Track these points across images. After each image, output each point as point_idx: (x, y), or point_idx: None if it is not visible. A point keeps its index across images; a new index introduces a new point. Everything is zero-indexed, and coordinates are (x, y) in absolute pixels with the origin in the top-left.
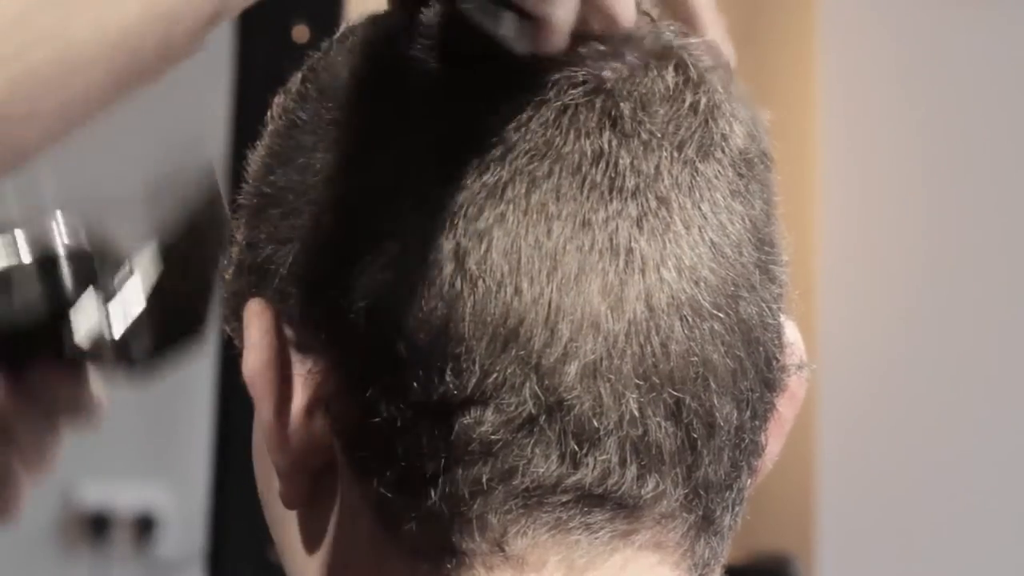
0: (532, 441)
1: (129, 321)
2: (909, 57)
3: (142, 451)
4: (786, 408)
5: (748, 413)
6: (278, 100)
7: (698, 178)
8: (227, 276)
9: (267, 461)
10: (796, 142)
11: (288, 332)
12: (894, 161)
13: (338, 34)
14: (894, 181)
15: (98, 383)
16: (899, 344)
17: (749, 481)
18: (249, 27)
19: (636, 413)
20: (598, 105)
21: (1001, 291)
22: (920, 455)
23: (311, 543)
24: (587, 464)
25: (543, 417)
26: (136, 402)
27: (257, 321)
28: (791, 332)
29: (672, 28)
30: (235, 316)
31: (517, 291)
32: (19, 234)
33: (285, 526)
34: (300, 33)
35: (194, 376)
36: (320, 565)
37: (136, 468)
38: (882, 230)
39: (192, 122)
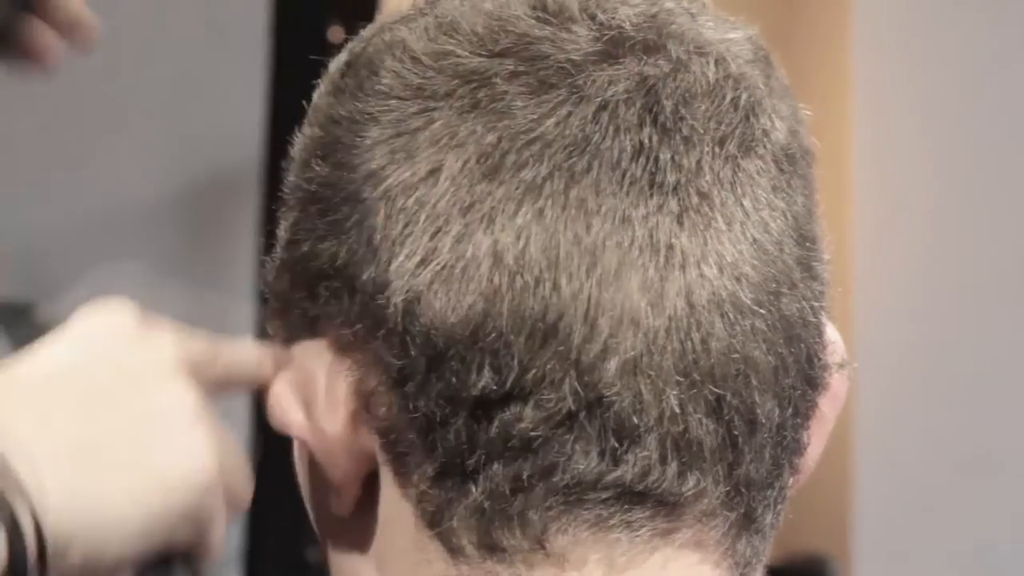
0: (572, 437)
1: None
2: (944, 57)
3: None
4: (828, 407)
5: (790, 410)
6: (317, 92)
7: (740, 174)
8: (270, 274)
9: (311, 466)
10: (831, 142)
11: (325, 328)
12: (929, 160)
13: (376, 28)
14: (929, 180)
15: None
16: (936, 342)
17: (791, 480)
18: (284, 29)
19: (677, 410)
20: (639, 101)
21: None
22: (958, 454)
23: (355, 546)
24: (627, 461)
25: (583, 413)
26: None
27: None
28: (831, 331)
29: (712, 23)
30: (277, 316)
31: (556, 287)
32: None
33: (329, 529)
34: (336, 34)
35: None
36: (363, 567)
37: None
38: (917, 229)
39: (227, 124)
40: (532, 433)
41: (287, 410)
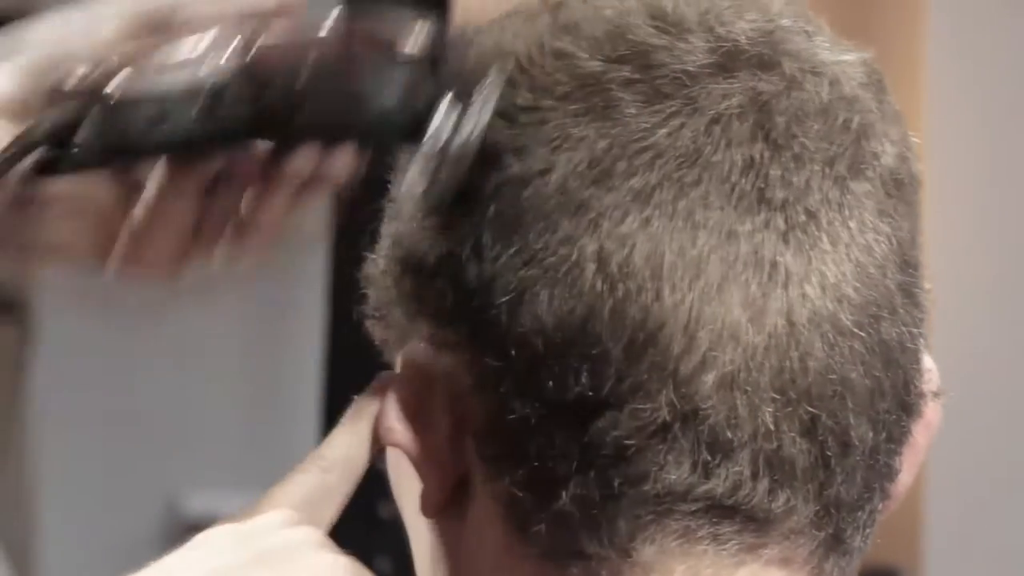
0: (665, 448)
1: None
2: (1018, 66)
3: (246, 461)
4: (921, 436)
5: (884, 435)
6: None
7: (848, 195)
8: (376, 272)
9: (404, 468)
10: None
11: (425, 328)
12: (1004, 164)
13: (495, 20)
14: (1004, 184)
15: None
16: (1010, 351)
17: (881, 504)
18: None
19: (771, 427)
20: (752, 117)
21: None
22: None
23: (443, 547)
24: (719, 475)
25: (677, 425)
26: (240, 413)
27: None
28: (928, 359)
29: (827, 44)
30: (377, 316)
31: (658, 297)
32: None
33: (418, 530)
34: None
35: (298, 385)
36: (450, 569)
37: (240, 478)
38: (992, 233)
39: None
40: (625, 442)
41: (391, 425)
